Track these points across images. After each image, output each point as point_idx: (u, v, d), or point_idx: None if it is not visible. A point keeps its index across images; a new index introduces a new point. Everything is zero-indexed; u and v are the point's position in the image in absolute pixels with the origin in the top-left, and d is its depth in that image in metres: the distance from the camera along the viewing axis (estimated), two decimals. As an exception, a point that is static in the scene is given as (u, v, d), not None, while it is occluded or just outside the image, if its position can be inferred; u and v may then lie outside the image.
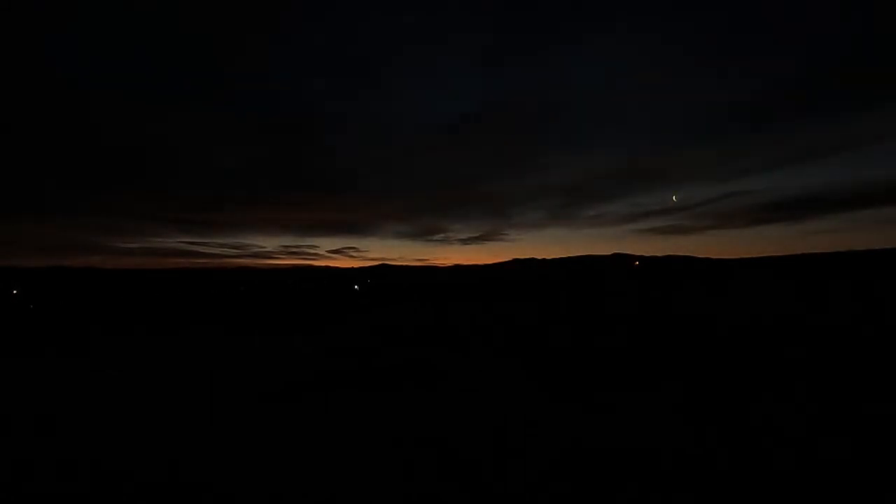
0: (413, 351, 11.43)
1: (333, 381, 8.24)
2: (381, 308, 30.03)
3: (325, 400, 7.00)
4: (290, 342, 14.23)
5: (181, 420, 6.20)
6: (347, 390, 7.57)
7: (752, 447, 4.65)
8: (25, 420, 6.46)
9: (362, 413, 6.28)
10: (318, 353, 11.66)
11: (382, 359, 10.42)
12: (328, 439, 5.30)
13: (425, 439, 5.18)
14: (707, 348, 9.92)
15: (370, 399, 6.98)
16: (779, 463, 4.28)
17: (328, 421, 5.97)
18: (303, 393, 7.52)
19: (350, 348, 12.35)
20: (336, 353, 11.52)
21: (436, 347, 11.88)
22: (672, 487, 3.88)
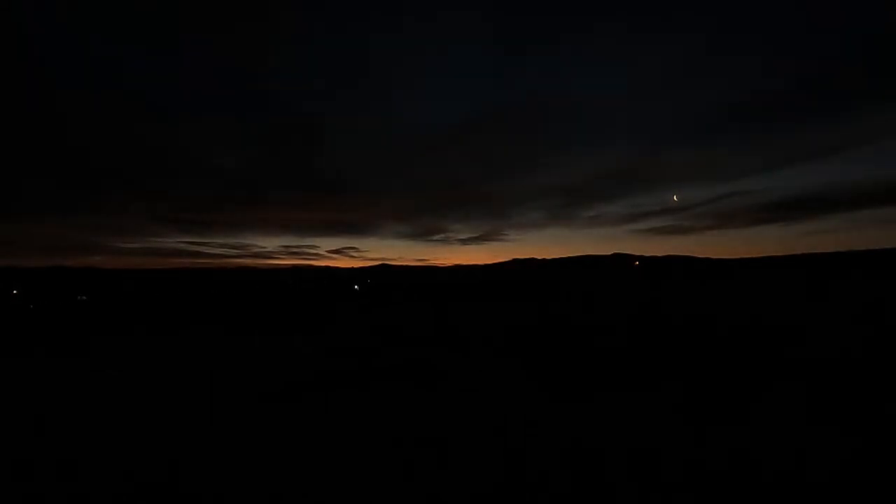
0: (413, 351, 11.43)
1: (333, 381, 8.23)
2: (381, 308, 30.00)
3: (325, 400, 7.00)
4: (290, 342, 14.22)
5: (181, 420, 6.20)
6: (347, 390, 7.57)
7: (753, 447, 4.65)
8: (25, 420, 6.46)
9: (362, 413, 6.28)
10: (318, 353, 11.65)
11: (382, 359, 10.42)
12: (328, 439, 5.30)
13: (425, 439, 5.18)
14: (707, 348, 9.92)
15: (370, 399, 6.98)
16: (779, 463, 4.28)
17: (328, 421, 5.97)
18: (303, 393, 7.52)
19: (350, 348, 12.35)
20: (336, 353, 11.51)
21: (436, 347, 11.88)
22: (672, 487, 3.88)
